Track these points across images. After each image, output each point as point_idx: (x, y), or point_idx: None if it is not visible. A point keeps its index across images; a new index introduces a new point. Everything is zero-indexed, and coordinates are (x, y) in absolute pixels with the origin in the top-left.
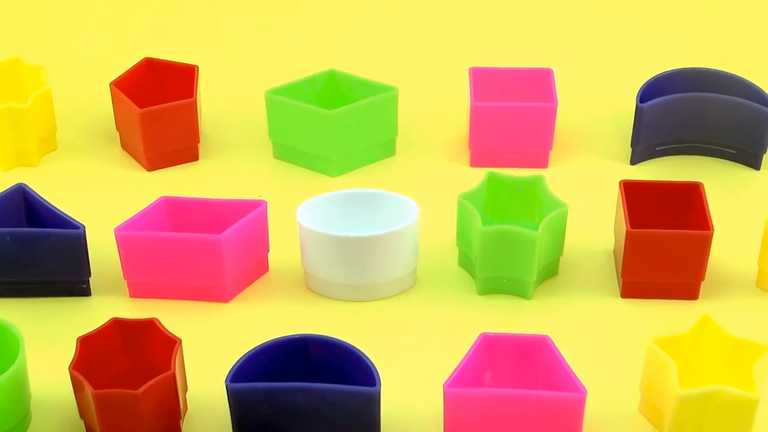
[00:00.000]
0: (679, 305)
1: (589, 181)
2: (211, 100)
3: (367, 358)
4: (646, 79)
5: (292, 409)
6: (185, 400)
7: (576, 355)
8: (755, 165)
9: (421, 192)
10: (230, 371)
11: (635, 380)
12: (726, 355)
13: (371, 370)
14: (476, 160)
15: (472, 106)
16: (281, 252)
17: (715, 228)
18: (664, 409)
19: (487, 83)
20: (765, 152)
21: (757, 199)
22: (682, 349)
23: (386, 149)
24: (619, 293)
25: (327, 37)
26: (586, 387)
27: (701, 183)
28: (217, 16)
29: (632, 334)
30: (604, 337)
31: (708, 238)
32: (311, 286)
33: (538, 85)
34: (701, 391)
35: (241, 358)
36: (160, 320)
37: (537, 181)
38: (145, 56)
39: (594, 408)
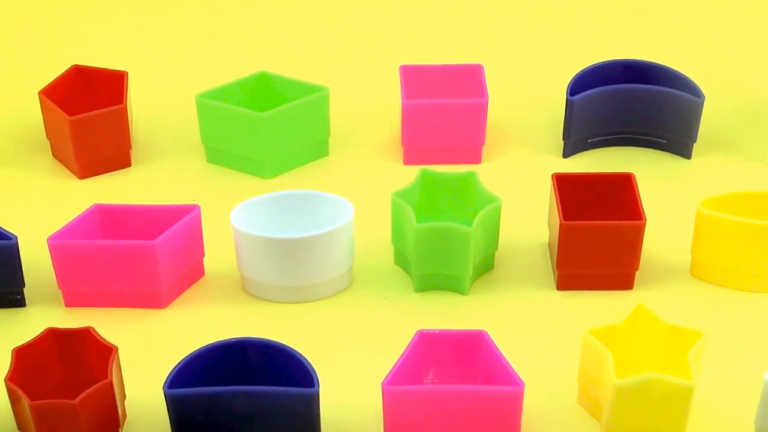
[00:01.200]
0: (614, 296)
1: (522, 175)
2: (141, 106)
3: (305, 359)
4: (576, 72)
5: (231, 413)
6: (124, 407)
7: (514, 349)
8: (686, 154)
9: (355, 191)
10: (168, 377)
11: (573, 372)
12: (661, 344)
13: (309, 372)
14: (409, 158)
15: (403, 104)
16: (217, 256)
17: (648, 218)
18: (602, 399)
19: (418, 81)
20: (695, 141)
21: (688, 188)
22: (618, 338)
23: (319, 150)
24: (554, 285)
25: (256, 39)
26: (524, 380)
27: (633, 174)
28: (145, 22)
29: (569, 325)
30: (541, 330)
31: (640, 228)
32: (248, 290)
33: (468, 81)
34: (637, 380)
35: (178, 364)
36: (96, 329)
37: (470, 177)
38: (73, 63)
39: (532, 400)
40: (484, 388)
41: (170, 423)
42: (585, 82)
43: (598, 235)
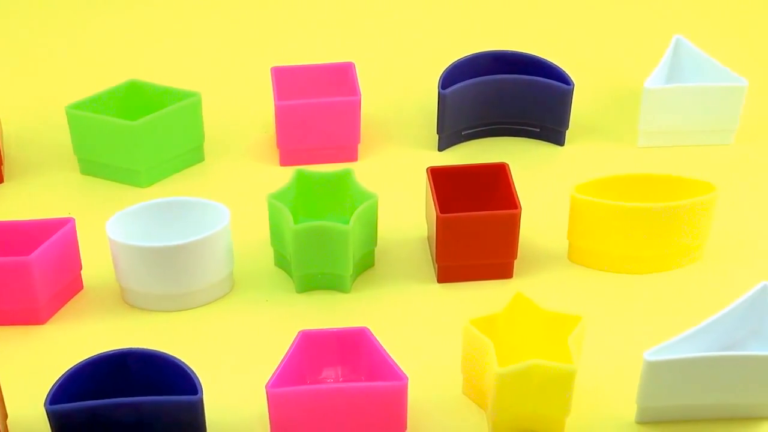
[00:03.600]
0: (495, 285)
1: (398, 170)
2: (11, 121)
3: (188, 366)
4: (447, 65)
5: (115, 426)
6: (6, 427)
7: (397, 344)
8: (559, 141)
9: (232, 195)
10: (49, 393)
11: (457, 363)
12: (542, 330)
13: (192, 379)
14: (285, 159)
15: (276, 105)
16: (95, 268)
17: (524, 206)
18: (486, 388)
19: (290, 82)
20: (568, 128)
21: (563, 175)
22: (499, 327)
23: (194, 156)
24: (435, 279)
25: (125, 47)
26: (408, 374)
27: (506, 163)
28: (9, 35)
29: (451, 317)
30: (423, 324)
31: (516, 217)
32: (128, 300)
33: (340, 79)
34: (519, 367)
35: (59, 379)
36: None
37: (345, 175)
38: None
39: (418, 394)
40: (367, 385)
41: None
42: (456, 74)
43: (474, 226)
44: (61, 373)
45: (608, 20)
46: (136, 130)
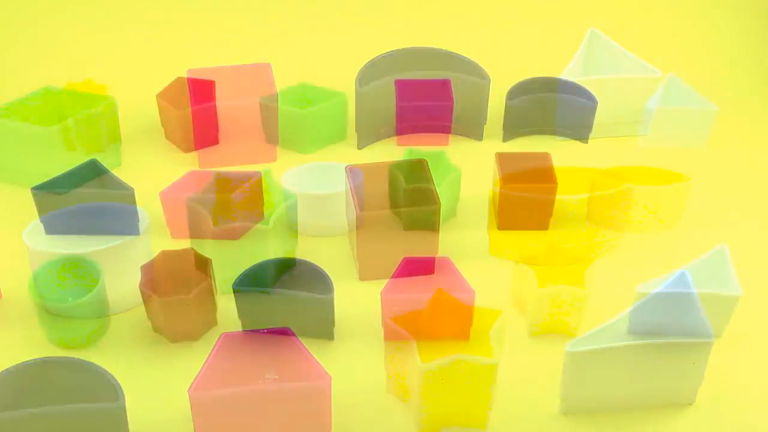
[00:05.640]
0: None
1: (318, 169)
2: None
3: (108, 373)
4: (364, 63)
5: None
6: None
7: (320, 343)
8: (477, 136)
9: (150, 199)
10: None
11: (381, 361)
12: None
13: (113, 385)
14: (204, 162)
15: (192, 108)
16: (13, 277)
17: (442, 202)
18: (410, 385)
19: (207, 83)
20: (485, 123)
21: (481, 169)
22: (421, 323)
23: (112, 160)
24: (357, 276)
25: (39, 53)
26: (332, 373)
27: (425, 159)
28: None
29: (374, 315)
30: (347, 322)
31: (436, 212)
32: (49, 308)
33: (257, 80)
34: (442, 362)
35: None
36: None
37: (264, 176)
38: None
39: (343, 393)
40: (290, 385)
41: None
42: (373, 72)
43: (395, 222)
44: None
45: (523, 14)
46: (53, 135)
